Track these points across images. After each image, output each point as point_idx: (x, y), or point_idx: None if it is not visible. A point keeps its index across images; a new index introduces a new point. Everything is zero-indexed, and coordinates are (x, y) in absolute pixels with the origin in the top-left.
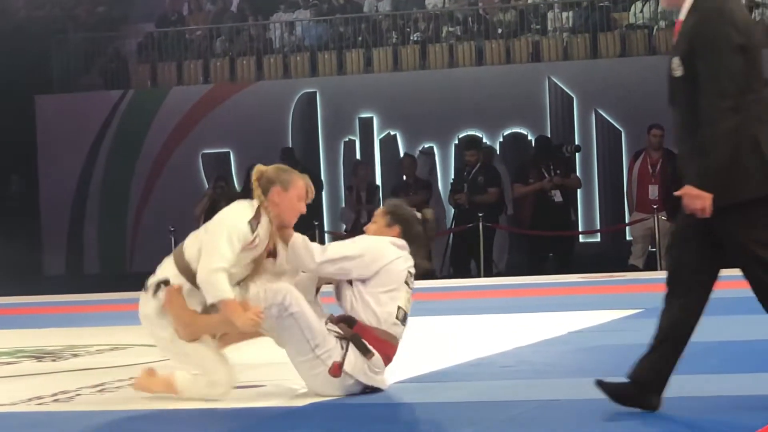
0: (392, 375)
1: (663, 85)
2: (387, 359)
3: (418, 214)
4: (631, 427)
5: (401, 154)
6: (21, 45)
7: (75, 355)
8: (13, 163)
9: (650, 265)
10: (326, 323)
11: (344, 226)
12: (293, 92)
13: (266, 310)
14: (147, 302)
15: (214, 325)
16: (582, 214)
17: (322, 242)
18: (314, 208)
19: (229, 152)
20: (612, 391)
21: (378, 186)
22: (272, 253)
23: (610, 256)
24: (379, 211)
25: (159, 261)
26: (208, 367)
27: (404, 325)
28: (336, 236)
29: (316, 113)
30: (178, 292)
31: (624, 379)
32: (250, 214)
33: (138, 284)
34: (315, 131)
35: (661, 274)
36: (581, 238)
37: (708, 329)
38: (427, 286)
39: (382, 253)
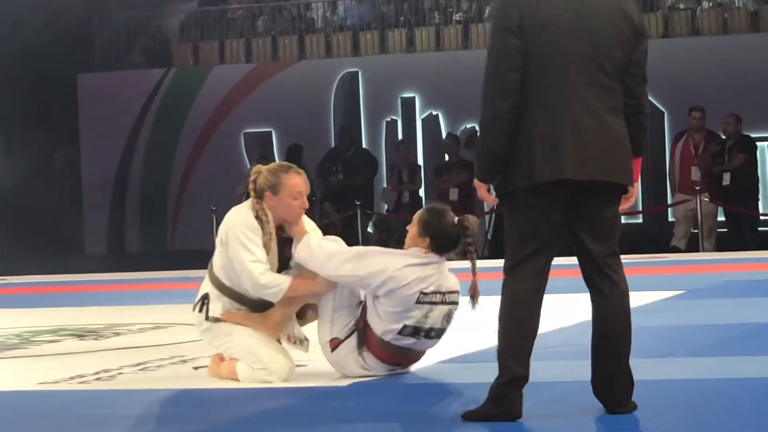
0: (434, 355)
1: (705, 66)
2: (392, 364)
3: (456, 219)
4: (671, 408)
5: (443, 134)
6: (63, 24)
7: (117, 334)
8: (56, 142)
9: (692, 247)
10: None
11: (386, 206)
12: (335, 72)
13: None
14: (195, 317)
15: (279, 314)
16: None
17: (364, 223)
18: (367, 188)
19: (270, 132)
20: None
21: (420, 166)
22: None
23: (653, 238)
24: (417, 216)
25: (200, 240)
26: (265, 360)
27: (419, 338)
28: (378, 216)
29: (358, 93)
30: (230, 315)
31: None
32: (252, 213)
33: (179, 263)
34: (357, 111)
35: (704, 256)
36: (623, 219)
37: (749, 312)
38: (469, 266)
39: (393, 277)
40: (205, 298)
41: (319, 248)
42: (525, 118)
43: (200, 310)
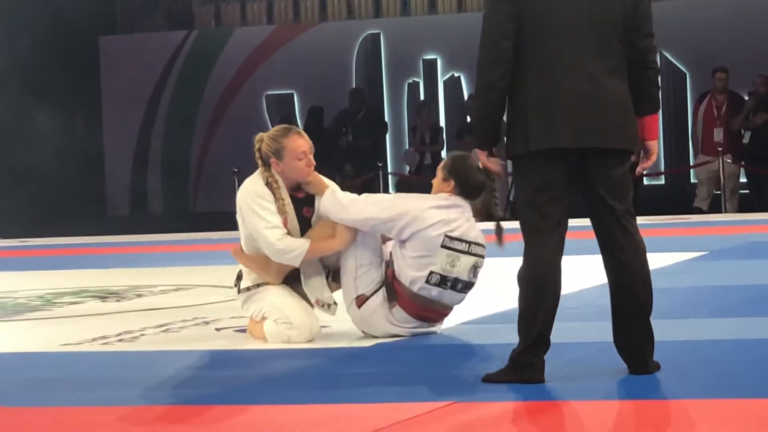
0: (456, 316)
1: (730, 27)
2: (421, 318)
3: (479, 164)
4: (694, 369)
5: (465, 96)
6: None
7: (139, 296)
8: (78, 104)
9: (715, 208)
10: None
11: (408, 168)
12: (357, 33)
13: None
14: (235, 294)
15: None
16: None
17: (386, 184)
18: (378, 149)
19: (293, 94)
20: None
21: (442, 128)
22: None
23: (675, 199)
24: (441, 164)
25: (222, 202)
26: (289, 316)
27: (445, 287)
28: (399, 177)
29: (380, 55)
30: (238, 251)
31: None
32: (262, 181)
33: (201, 224)
34: (379, 73)
35: (726, 217)
36: (645, 181)
37: None
38: (491, 227)
39: (417, 218)
40: (239, 274)
41: (343, 195)
42: (521, 85)
43: (235, 285)
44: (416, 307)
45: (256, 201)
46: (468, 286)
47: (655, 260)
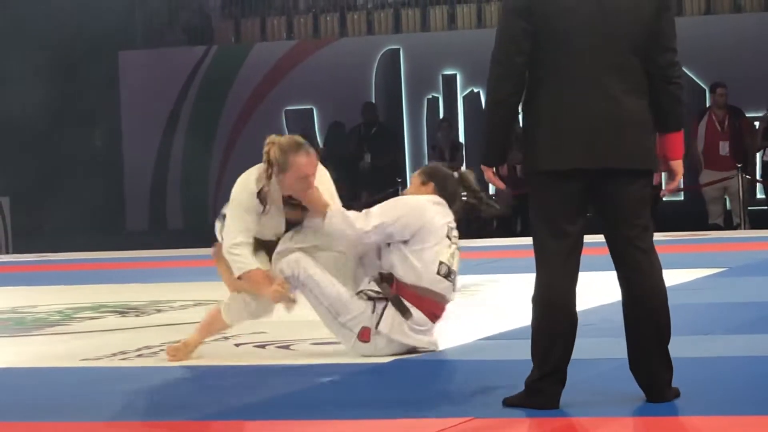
0: (474, 332)
1: (747, 43)
2: (433, 317)
3: (455, 173)
4: (712, 386)
5: None
6: (105, 1)
7: (158, 311)
8: (97, 118)
9: (729, 224)
10: (369, 283)
11: None
12: (377, 49)
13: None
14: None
15: (247, 287)
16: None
17: None
18: (397, 166)
19: (312, 109)
20: None
21: (461, 143)
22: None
23: (693, 215)
24: (416, 172)
25: None
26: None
27: (450, 281)
28: None
29: (400, 70)
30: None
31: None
32: (255, 186)
33: None
34: (398, 88)
35: (745, 234)
36: (665, 198)
37: None
38: (506, 244)
39: (419, 210)
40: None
41: (347, 213)
42: (537, 102)
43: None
44: (430, 303)
45: (242, 208)
46: (454, 278)
47: (673, 277)
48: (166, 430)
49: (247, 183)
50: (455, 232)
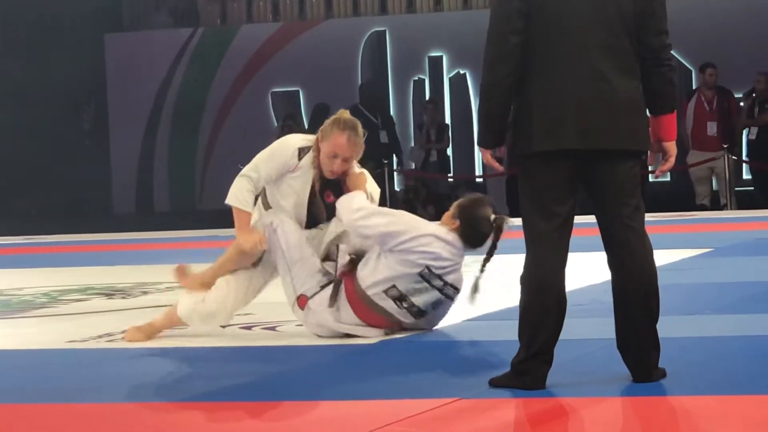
0: (461, 313)
1: (732, 23)
2: (367, 322)
3: (492, 216)
4: (698, 366)
5: (471, 93)
6: None
7: (145, 293)
8: (83, 102)
9: (716, 204)
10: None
11: (413, 165)
12: (363, 31)
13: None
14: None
15: (215, 270)
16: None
17: (391, 181)
18: (384, 146)
19: (298, 91)
20: None
21: (447, 125)
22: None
23: (680, 196)
24: (457, 201)
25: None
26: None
27: (400, 306)
28: (405, 174)
29: (386, 52)
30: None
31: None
32: (302, 144)
33: (207, 222)
34: (384, 70)
35: (731, 214)
36: (650, 178)
37: None
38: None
39: (413, 237)
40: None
41: (360, 201)
42: (528, 83)
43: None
44: (364, 309)
45: (276, 152)
46: (422, 314)
47: (660, 257)
48: (153, 411)
49: (288, 139)
50: (439, 278)
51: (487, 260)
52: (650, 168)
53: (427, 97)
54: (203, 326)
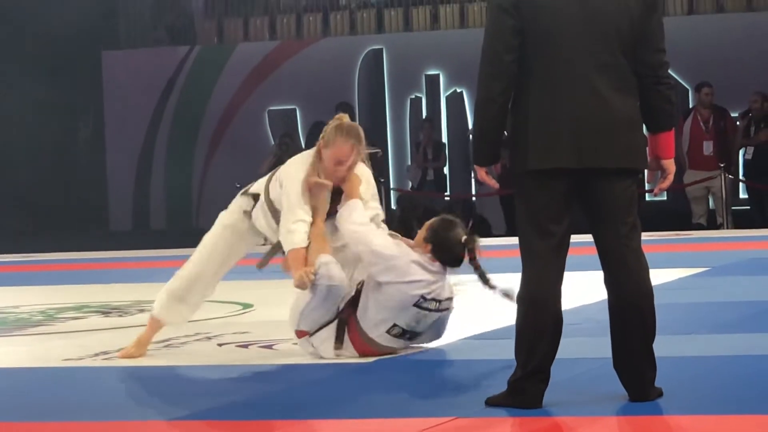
0: (458, 332)
1: (730, 43)
2: (363, 354)
3: (464, 238)
4: (695, 385)
5: (468, 112)
6: (88, 1)
7: (141, 311)
8: (80, 119)
9: (712, 223)
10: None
11: (410, 184)
12: (360, 49)
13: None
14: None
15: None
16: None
17: (387, 200)
18: (380, 164)
19: (295, 109)
20: None
21: (444, 143)
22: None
23: (677, 215)
24: (428, 223)
25: None
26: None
27: (402, 338)
28: (401, 193)
29: (383, 70)
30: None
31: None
32: (307, 165)
33: None
34: (381, 88)
35: (728, 233)
36: (647, 197)
37: None
38: (488, 243)
39: (400, 267)
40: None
41: (361, 212)
42: (523, 101)
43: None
44: (366, 347)
45: (302, 184)
46: (414, 336)
47: (657, 276)
48: (149, 430)
49: (302, 164)
50: (434, 301)
51: (485, 281)
52: (647, 186)
53: (424, 116)
54: (174, 315)
